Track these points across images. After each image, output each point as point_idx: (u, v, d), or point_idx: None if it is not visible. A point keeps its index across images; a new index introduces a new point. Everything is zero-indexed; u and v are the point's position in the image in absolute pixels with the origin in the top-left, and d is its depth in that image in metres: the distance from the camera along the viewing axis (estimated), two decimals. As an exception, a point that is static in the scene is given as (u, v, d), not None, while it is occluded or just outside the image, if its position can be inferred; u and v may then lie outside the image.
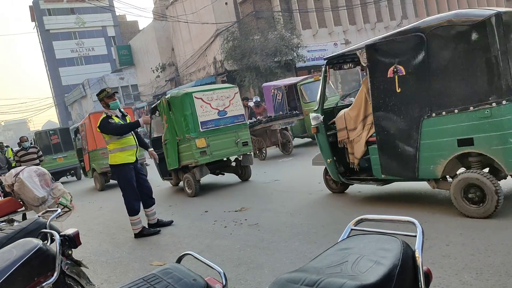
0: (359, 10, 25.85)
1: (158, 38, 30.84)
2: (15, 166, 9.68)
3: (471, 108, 3.70)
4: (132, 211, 5.35)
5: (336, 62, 5.44)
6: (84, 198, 10.30)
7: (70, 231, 2.78)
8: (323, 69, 5.36)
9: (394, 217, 1.55)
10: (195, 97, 7.35)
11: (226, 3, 23.52)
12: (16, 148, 11.20)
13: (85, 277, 2.82)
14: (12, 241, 2.57)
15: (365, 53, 4.52)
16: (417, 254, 1.35)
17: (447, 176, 4.28)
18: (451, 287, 2.72)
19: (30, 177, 4.95)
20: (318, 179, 6.67)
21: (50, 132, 15.41)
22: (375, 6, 26.36)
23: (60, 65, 53.80)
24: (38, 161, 10.20)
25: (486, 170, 4.04)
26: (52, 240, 2.58)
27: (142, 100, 35.22)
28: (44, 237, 2.67)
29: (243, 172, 8.17)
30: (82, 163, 12.57)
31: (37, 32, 55.44)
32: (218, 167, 8.24)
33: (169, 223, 5.68)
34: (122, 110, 5.60)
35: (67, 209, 5.06)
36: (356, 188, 5.80)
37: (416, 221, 1.46)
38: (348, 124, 5.03)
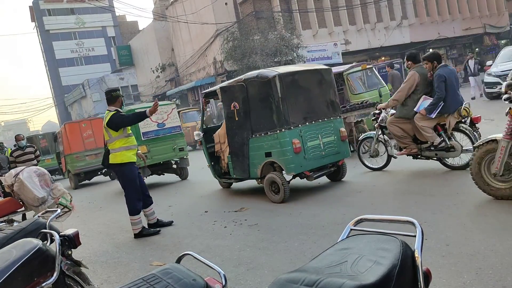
0: (359, 10, 25.84)
1: (158, 38, 30.84)
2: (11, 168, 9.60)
3: (269, 132, 5.81)
4: (134, 211, 5.35)
5: (211, 95, 7.29)
6: (84, 198, 10.30)
7: (69, 231, 2.78)
8: (201, 100, 7.44)
9: (393, 217, 1.55)
10: None
11: (226, 3, 23.52)
12: (12, 148, 11.16)
13: (85, 277, 2.82)
14: (11, 241, 2.56)
15: (220, 93, 6.54)
16: (417, 254, 1.35)
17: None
18: (451, 287, 2.72)
19: (30, 177, 4.95)
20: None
21: (39, 136, 18.05)
22: (375, 6, 26.35)
23: (60, 65, 53.78)
24: (36, 162, 9.10)
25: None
26: (52, 241, 2.58)
27: (142, 100, 35.21)
28: (43, 238, 2.66)
29: (181, 173, 9.97)
30: (60, 164, 14.36)
31: (37, 32, 55.43)
32: (160, 168, 9.96)
33: (169, 224, 5.68)
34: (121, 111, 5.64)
35: (67, 209, 5.06)
36: (356, 188, 5.80)
37: (415, 221, 1.46)
38: (220, 140, 6.93)
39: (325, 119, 6.03)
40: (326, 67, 6.50)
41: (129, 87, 36.76)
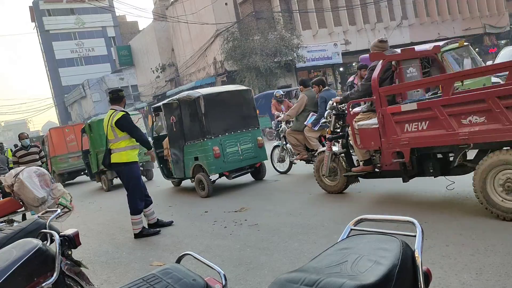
0: (359, 10, 25.85)
1: (158, 39, 30.85)
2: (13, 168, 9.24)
3: (196, 141, 7.30)
4: (136, 210, 5.35)
5: (158, 110, 8.42)
6: (84, 198, 10.30)
7: (69, 231, 2.78)
8: (152, 115, 8.93)
9: (393, 217, 1.55)
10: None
11: (226, 4, 23.52)
12: (13, 147, 11.13)
13: (84, 278, 2.82)
14: (11, 242, 2.56)
15: (162, 108, 8.05)
16: (417, 254, 1.35)
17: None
18: (450, 287, 2.72)
19: (29, 178, 4.95)
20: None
21: (33, 139, 19.65)
22: (375, 6, 26.36)
23: (60, 66, 53.80)
24: (40, 163, 8.45)
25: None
26: (52, 241, 2.57)
27: (142, 100, 35.23)
28: (43, 238, 2.66)
29: (146, 174, 11.36)
30: (47, 165, 15.45)
31: (37, 32, 55.46)
32: None
33: (169, 224, 5.68)
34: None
35: (67, 210, 5.05)
36: (356, 188, 5.81)
37: (415, 221, 1.46)
38: (167, 146, 8.27)
39: (244, 130, 7.48)
40: (246, 88, 8.03)
41: (129, 87, 36.76)
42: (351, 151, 5.56)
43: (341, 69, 25.78)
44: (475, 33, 30.40)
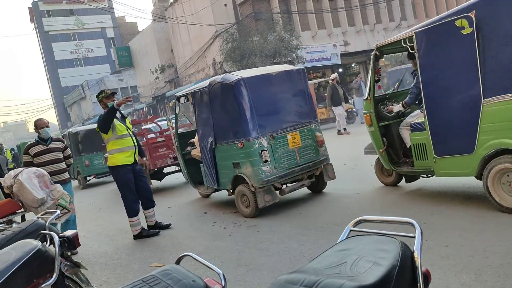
0: (358, 11, 25.87)
1: (157, 40, 30.86)
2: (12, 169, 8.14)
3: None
4: (131, 212, 5.34)
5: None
6: (83, 199, 10.29)
7: (69, 232, 2.78)
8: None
9: (393, 218, 1.55)
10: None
11: (225, 5, 23.53)
12: (25, 142, 10.54)
13: (84, 279, 2.82)
14: (11, 243, 2.56)
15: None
16: (416, 255, 1.36)
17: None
18: (450, 288, 2.72)
19: (29, 179, 4.93)
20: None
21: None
22: (374, 7, 26.39)
23: (59, 67, 53.76)
24: (65, 165, 5.59)
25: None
26: (51, 242, 2.57)
27: (141, 101, 35.21)
28: (43, 239, 2.66)
29: None
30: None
31: (36, 33, 55.42)
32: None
33: (167, 226, 5.66)
34: (121, 111, 5.58)
35: (66, 211, 5.05)
36: (356, 189, 5.81)
37: (415, 222, 1.46)
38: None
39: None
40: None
41: (129, 88, 36.79)
42: None
43: (340, 70, 25.78)
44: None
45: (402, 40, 4.48)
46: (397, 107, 5.20)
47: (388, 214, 4.40)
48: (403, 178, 5.44)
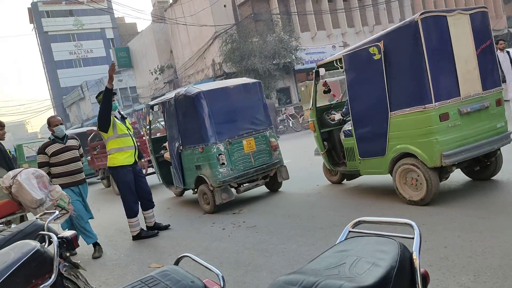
0: (357, 13, 25.91)
1: (156, 40, 30.85)
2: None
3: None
4: (131, 213, 5.33)
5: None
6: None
7: (68, 233, 2.77)
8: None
9: (391, 219, 1.56)
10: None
11: (224, 6, 23.54)
12: (37, 140, 10.36)
13: (83, 279, 2.82)
14: (9, 243, 2.56)
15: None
16: (415, 256, 1.36)
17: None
18: (449, 289, 2.72)
19: (28, 179, 4.92)
20: (315, 181, 6.68)
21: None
22: (373, 9, 26.43)
23: (59, 67, 53.72)
24: (81, 163, 5.34)
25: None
26: (50, 242, 2.57)
27: (141, 102, 35.18)
28: (42, 239, 2.66)
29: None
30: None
31: (36, 34, 55.40)
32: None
33: (166, 227, 5.66)
34: (121, 112, 5.58)
35: (65, 211, 5.04)
36: (355, 190, 5.81)
37: (413, 223, 1.47)
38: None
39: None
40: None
41: (128, 89, 36.76)
42: None
43: (339, 71, 25.76)
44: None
45: (334, 61, 5.38)
46: (337, 116, 6.02)
47: (387, 215, 4.40)
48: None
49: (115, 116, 5.30)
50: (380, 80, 4.63)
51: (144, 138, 10.27)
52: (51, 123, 5.02)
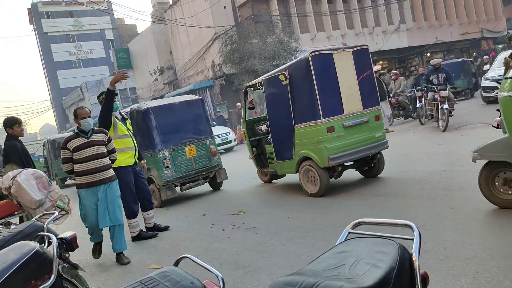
0: (357, 14, 25.93)
1: (156, 42, 30.85)
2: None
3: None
4: (131, 214, 5.33)
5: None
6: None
7: (67, 234, 2.77)
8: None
9: (391, 220, 1.56)
10: None
11: (224, 7, 23.55)
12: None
13: (82, 280, 2.81)
14: (9, 244, 2.55)
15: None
16: (414, 257, 1.36)
17: None
18: (448, 290, 2.72)
19: (27, 180, 4.93)
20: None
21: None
22: (373, 10, 26.45)
23: (58, 68, 53.71)
24: (109, 161, 4.67)
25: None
26: (49, 243, 2.57)
27: (140, 103, 35.16)
28: (41, 240, 2.65)
29: None
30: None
31: (35, 34, 55.40)
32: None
33: (165, 229, 5.66)
34: (122, 113, 5.58)
35: (64, 212, 5.03)
36: (354, 191, 5.81)
37: (413, 225, 1.47)
38: None
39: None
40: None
41: (127, 90, 36.72)
42: None
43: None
44: (473, 38, 30.54)
45: (257, 84, 6.91)
46: (264, 127, 7.54)
47: (386, 216, 4.40)
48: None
49: (116, 117, 5.30)
50: (287, 100, 6.04)
51: None
52: (78, 115, 4.51)
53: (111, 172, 4.59)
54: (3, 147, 5.49)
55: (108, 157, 4.61)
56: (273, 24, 22.45)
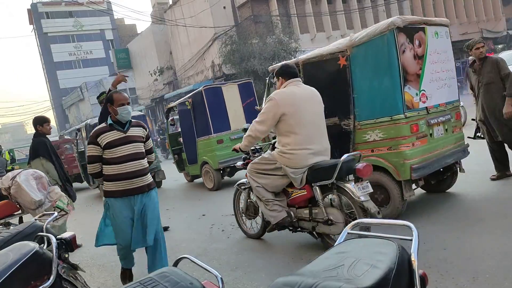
0: (357, 14, 25.94)
1: (156, 42, 30.86)
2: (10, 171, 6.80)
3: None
4: None
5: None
6: (81, 201, 10.27)
7: (66, 234, 2.77)
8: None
9: (390, 221, 1.56)
10: None
11: (224, 7, 23.55)
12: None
13: (81, 281, 2.81)
14: (8, 245, 2.55)
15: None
16: (413, 257, 1.36)
17: None
18: (447, 291, 2.72)
19: (27, 180, 4.93)
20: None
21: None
22: (372, 11, 26.47)
23: (58, 68, 53.68)
24: (146, 162, 3.59)
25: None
26: (49, 244, 2.57)
27: (140, 103, 35.20)
28: (40, 241, 2.65)
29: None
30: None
31: (35, 35, 55.40)
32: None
33: (165, 229, 5.64)
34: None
35: (64, 213, 5.04)
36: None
37: (412, 225, 1.47)
38: None
39: None
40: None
41: (127, 90, 36.64)
42: None
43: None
44: (472, 38, 30.53)
45: (173, 106, 9.45)
46: (181, 140, 9.33)
47: (385, 217, 4.40)
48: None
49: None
50: (191, 120, 8.34)
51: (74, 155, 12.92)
52: (115, 100, 3.43)
53: (150, 178, 3.60)
54: (31, 144, 5.72)
55: (145, 159, 3.57)
56: (273, 25, 22.45)
